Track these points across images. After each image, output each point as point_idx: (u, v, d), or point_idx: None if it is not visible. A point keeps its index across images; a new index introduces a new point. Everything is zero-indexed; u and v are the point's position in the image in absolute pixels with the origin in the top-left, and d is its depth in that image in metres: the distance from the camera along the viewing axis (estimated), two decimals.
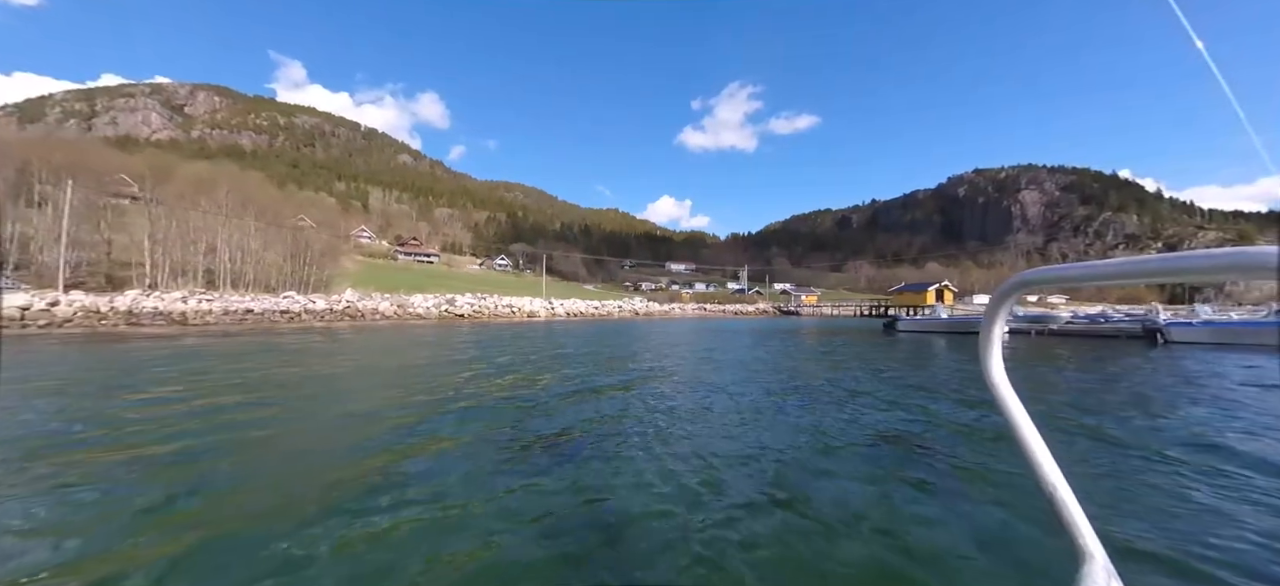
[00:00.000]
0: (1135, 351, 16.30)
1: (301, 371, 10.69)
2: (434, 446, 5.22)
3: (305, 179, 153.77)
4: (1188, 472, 4.55)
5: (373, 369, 11.40)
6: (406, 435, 5.59)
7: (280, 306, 30.30)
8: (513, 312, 43.63)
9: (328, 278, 41.16)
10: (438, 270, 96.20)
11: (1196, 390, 9.10)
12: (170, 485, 4.04)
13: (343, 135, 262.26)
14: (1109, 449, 5.33)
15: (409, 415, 6.58)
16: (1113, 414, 7.04)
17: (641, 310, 64.23)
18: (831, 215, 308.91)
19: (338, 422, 6.45)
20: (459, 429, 5.94)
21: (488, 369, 11.34)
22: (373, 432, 5.73)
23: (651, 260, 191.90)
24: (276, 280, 39.04)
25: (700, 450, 5.19)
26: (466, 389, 8.65)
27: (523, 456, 4.96)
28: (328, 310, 32.01)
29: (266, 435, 5.63)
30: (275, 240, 40.25)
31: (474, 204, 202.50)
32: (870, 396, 8.56)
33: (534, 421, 6.39)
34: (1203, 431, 6.00)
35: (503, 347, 16.39)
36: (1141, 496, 4.05)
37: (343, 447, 5.27)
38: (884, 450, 5.37)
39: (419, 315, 35.81)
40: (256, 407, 6.98)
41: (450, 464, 4.67)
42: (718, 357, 14.04)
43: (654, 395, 8.40)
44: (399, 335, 22.08)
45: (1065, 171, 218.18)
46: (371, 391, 8.77)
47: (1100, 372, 11.49)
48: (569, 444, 5.42)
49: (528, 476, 4.37)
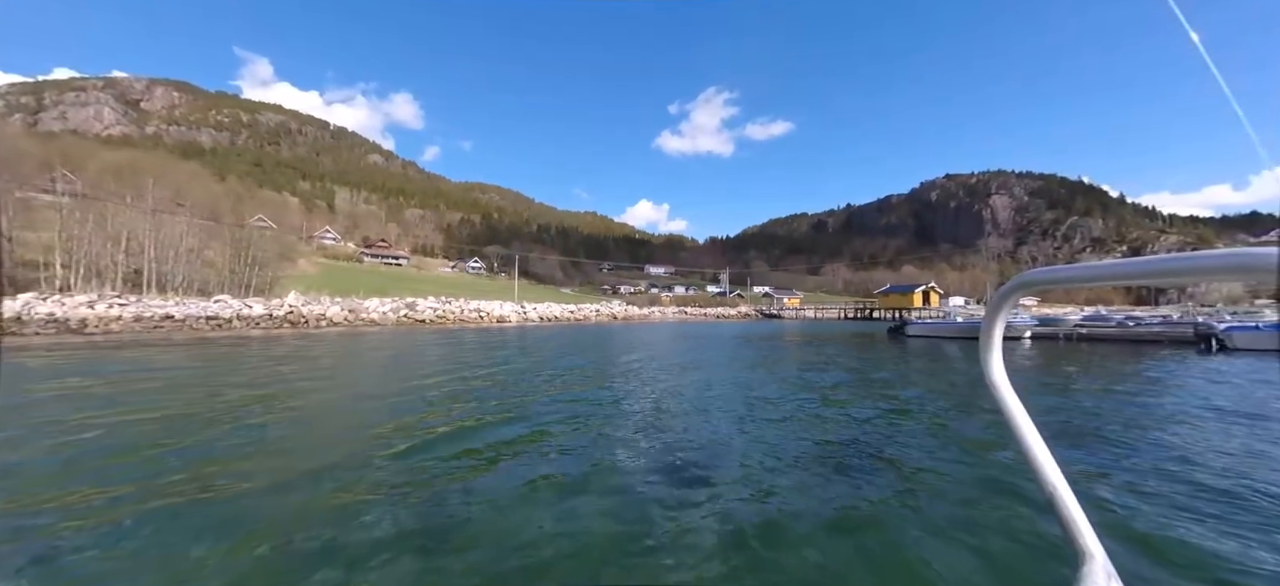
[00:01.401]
0: (1189, 360, 14.23)
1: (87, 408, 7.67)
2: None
3: (267, 178, 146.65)
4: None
5: (215, 404, 8.43)
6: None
7: (209, 312, 26.64)
8: (480, 317, 40.45)
9: (272, 280, 37.27)
10: (406, 273, 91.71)
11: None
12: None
13: (310, 134, 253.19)
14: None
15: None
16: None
17: (620, 314, 61.52)
18: (808, 219, 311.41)
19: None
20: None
21: (407, 405, 8.50)
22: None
23: (630, 263, 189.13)
24: (216, 283, 35.13)
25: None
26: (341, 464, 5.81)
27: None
28: (266, 316, 28.42)
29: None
30: (215, 238, 36.30)
31: (447, 205, 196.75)
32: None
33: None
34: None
35: (449, 363, 13.50)
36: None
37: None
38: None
39: (374, 321, 32.41)
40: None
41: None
42: (710, 380, 11.44)
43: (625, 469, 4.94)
44: (342, 345, 18.93)
45: (1033, 177, 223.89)
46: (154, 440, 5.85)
47: (1169, 394, 9.21)
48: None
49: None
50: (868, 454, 5.24)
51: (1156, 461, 4.90)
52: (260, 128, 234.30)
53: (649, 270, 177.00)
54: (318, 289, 41.59)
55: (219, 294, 32.94)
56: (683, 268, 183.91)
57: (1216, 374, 11.40)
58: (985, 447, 5.44)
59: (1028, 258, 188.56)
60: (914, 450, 5.42)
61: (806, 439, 5.90)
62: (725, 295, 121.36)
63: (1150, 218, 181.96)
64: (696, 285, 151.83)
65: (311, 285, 45.69)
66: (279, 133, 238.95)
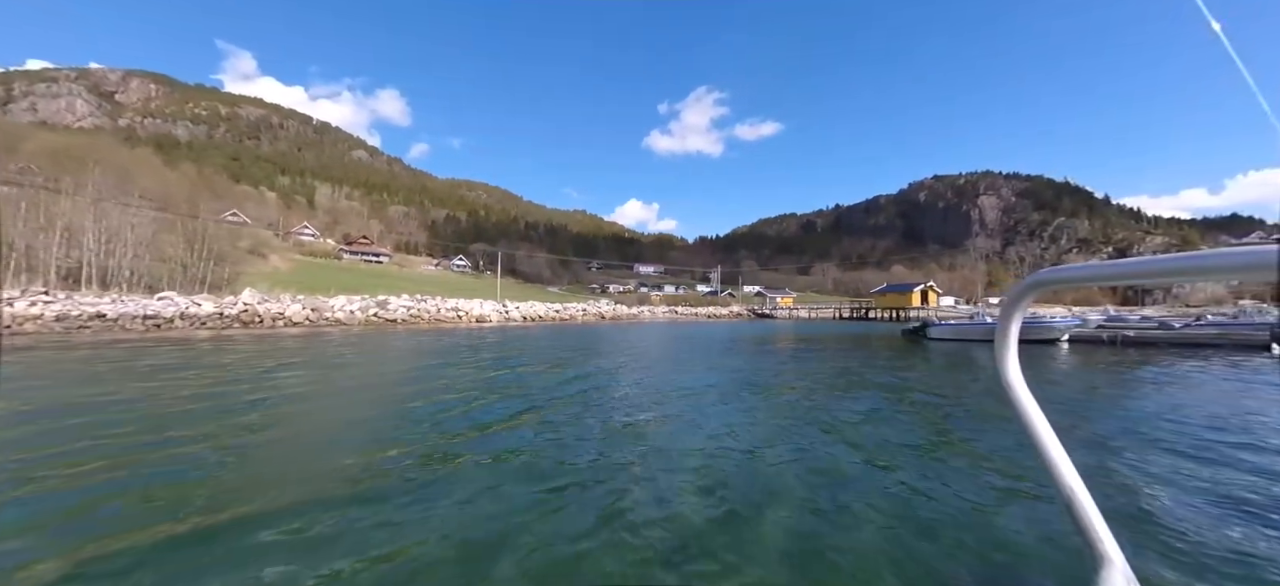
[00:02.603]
0: (1266, 367, 12.27)
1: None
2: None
3: (244, 172, 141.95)
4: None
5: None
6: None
7: (148, 310, 23.87)
8: (459, 317, 37.90)
9: (231, 276, 34.41)
10: (387, 271, 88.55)
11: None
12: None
13: (292, 128, 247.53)
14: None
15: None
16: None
17: (608, 313, 59.20)
18: (797, 219, 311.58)
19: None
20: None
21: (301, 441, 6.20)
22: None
23: (619, 262, 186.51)
24: (168, 279, 32.23)
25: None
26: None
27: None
28: (216, 315, 25.69)
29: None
30: (170, 231, 33.35)
31: (433, 202, 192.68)
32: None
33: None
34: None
35: (368, 375, 11.16)
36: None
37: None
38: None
39: (339, 321, 29.76)
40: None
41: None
42: (697, 415, 9.23)
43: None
44: (297, 346, 16.43)
45: (1020, 178, 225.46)
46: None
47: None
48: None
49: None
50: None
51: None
52: (240, 122, 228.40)
53: (639, 269, 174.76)
54: (288, 286, 38.75)
55: (173, 291, 30.09)
56: (673, 267, 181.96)
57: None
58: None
59: (1015, 258, 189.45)
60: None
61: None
62: (716, 294, 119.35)
63: (1135, 219, 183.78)
64: (687, 284, 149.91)
65: (281, 282, 42.77)
66: (260, 127, 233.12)
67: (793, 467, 4.67)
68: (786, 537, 3.29)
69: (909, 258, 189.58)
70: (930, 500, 3.87)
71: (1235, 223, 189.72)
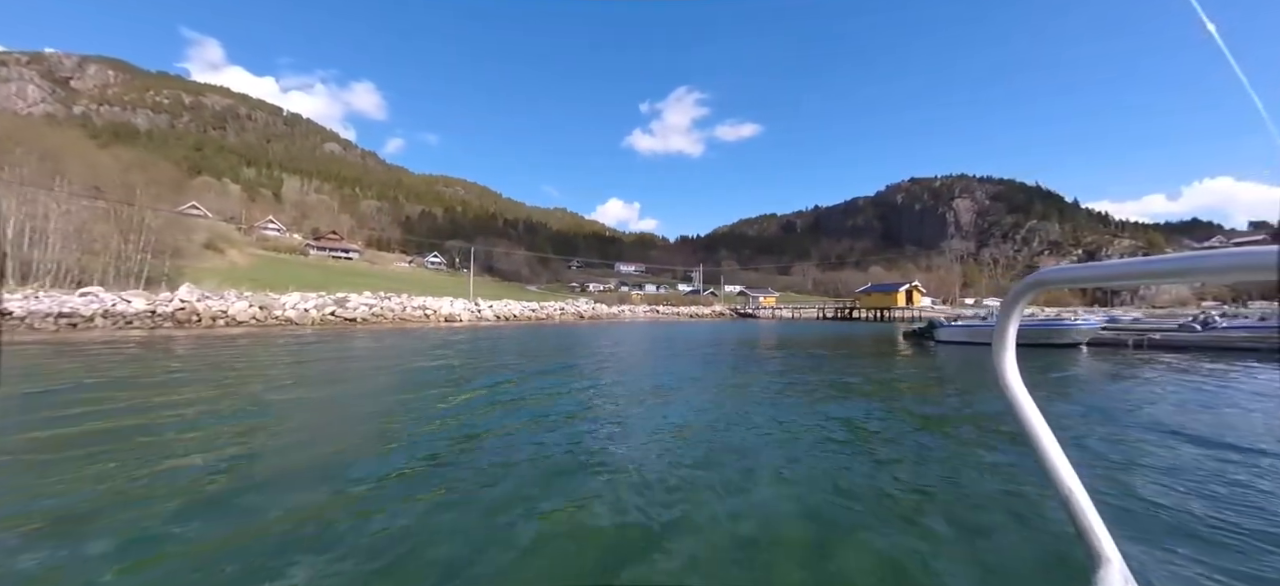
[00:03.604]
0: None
1: None
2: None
3: (207, 163, 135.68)
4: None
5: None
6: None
7: (65, 307, 21.23)
8: (427, 316, 35.63)
9: (172, 271, 31.54)
10: (356, 268, 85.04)
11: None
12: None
13: (260, 120, 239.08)
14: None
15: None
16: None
17: (587, 312, 57.33)
18: (777, 220, 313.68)
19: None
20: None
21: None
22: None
23: (600, 260, 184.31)
24: (103, 273, 29.30)
25: None
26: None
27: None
28: (148, 313, 23.10)
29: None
30: (102, 220, 30.35)
31: (408, 197, 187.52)
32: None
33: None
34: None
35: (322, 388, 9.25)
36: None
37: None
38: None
39: (290, 320, 27.32)
40: None
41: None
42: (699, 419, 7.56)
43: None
44: (192, 352, 14.27)
45: (994, 182, 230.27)
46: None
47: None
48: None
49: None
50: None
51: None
52: (204, 111, 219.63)
53: (620, 268, 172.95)
54: (243, 283, 35.84)
55: (109, 285, 27.24)
56: (654, 266, 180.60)
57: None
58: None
59: (989, 259, 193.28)
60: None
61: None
62: (698, 293, 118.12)
63: (1103, 223, 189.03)
64: (668, 284, 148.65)
65: (236, 279, 39.77)
66: (226, 117, 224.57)
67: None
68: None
69: (886, 258, 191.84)
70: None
71: (1196, 227, 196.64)
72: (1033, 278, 0.87)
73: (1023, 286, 0.89)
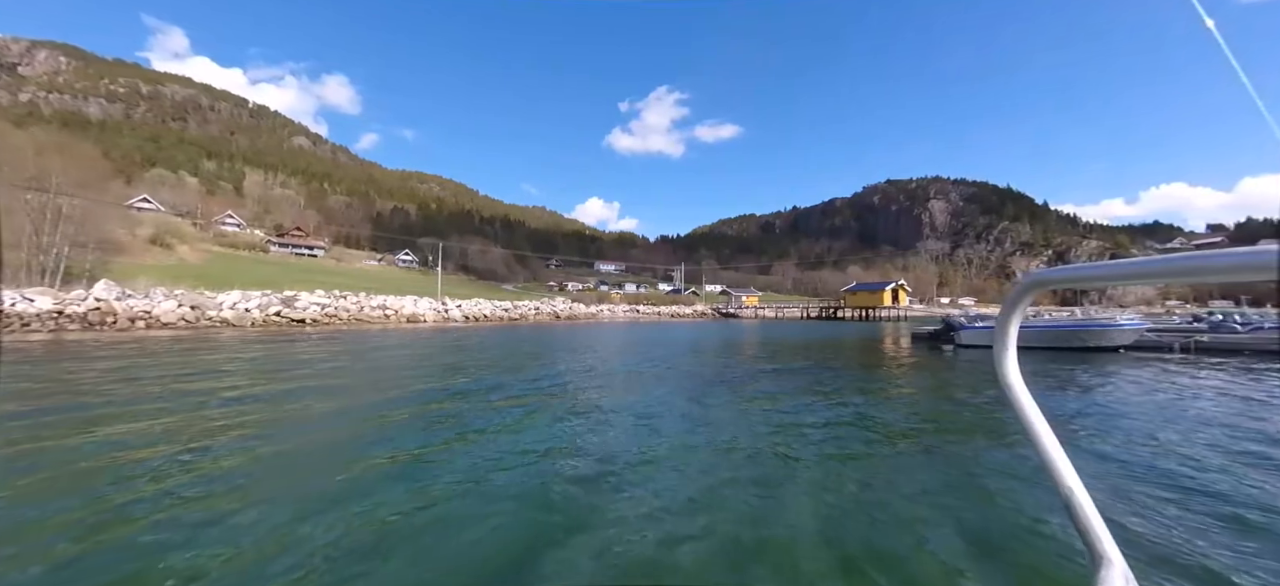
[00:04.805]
0: None
1: None
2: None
3: (163, 155, 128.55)
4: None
5: None
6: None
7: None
8: (387, 317, 32.91)
9: (94, 266, 28.21)
10: (320, 265, 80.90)
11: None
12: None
13: (224, 111, 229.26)
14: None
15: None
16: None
17: (564, 312, 54.95)
18: (756, 220, 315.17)
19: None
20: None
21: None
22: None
23: (580, 259, 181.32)
24: (17, 269, 25.86)
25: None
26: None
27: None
28: (53, 313, 20.07)
29: None
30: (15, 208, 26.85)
31: (380, 194, 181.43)
32: None
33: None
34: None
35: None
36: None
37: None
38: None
39: (227, 321, 24.43)
40: None
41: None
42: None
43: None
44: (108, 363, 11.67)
45: (968, 184, 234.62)
46: None
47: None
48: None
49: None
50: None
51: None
52: (164, 101, 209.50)
53: (599, 267, 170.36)
54: (190, 281, 32.46)
55: (22, 282, 23.93)
56: (634, 265, 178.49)
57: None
58: None
59: (964, 259, 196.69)
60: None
61: None
62: (680, 293, 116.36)
63: (1072, 224, 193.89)
64: (648, 283, 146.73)
65: (181, 276, 36.29)
66: (186, 108, 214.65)
67: None
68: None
69: (863, 258, 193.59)
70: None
71: (1158, 229, 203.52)
72: (1032, 278, 0.86)
73: (1022, 286, 0.88)
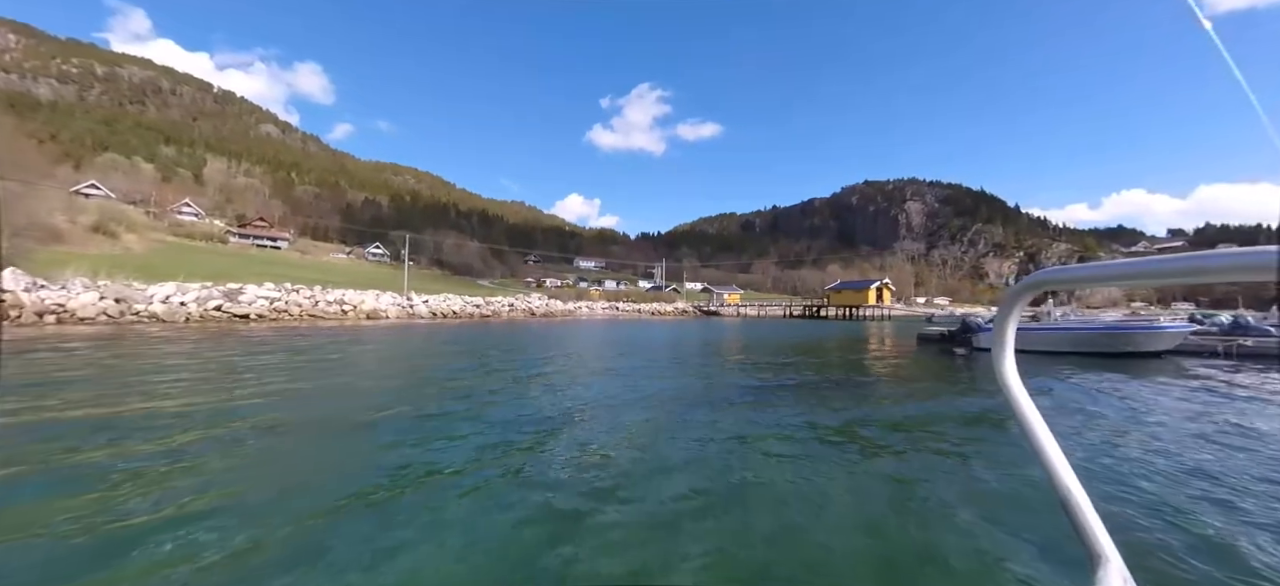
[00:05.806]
0: None
1: None
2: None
3: (117, 140, 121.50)
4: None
5: None
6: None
7: None
8: (345, 313, 30.55)
9: (9, 253, 25.26)
10: (282, 257, 77.05)
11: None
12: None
13: (186, 95, 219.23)
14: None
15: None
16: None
17: (540, 309, 52.92)
18: (736, 219, 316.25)
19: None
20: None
21: None
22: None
23: (559, 255, 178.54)
24: None
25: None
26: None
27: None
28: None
29: None
30: None
31: (353, 185, 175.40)
32: None
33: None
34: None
35: None
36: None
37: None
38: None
39: (158, 317, 21.94)
40: None
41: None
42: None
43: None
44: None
45: (943, 186, 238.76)
46: None
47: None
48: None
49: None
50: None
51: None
52: (120, 83, 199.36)
53: (579, 264, 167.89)
54: (129, 271, 29.60)
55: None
56: (614, 261, 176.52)
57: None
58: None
59: (939, 259, 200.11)
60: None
61: None
62: (661, 290, 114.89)
63: (1043, 227, 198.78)
64: (629, 280, 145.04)
65: (120, 266, 33.24)
66: (145, 90, 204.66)
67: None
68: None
69: (842, 258, 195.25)
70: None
71: (1122, 232, 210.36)
72: (1031, 278, 0.86)
73: (1021, 287, 0.88)
